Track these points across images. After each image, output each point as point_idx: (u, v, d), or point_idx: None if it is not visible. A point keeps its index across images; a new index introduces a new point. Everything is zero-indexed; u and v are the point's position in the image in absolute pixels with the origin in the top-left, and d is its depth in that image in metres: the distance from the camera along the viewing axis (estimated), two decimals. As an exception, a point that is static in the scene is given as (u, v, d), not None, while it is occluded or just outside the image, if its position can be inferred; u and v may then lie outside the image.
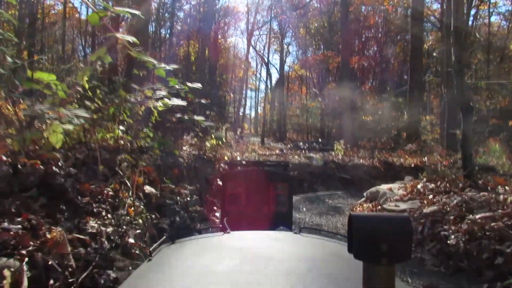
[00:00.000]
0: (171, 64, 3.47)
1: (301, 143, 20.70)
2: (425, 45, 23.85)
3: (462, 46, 8.09)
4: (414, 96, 18.39)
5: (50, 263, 2.17)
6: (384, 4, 27.89)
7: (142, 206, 3.96)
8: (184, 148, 8.56)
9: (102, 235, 2.92)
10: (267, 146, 20.86)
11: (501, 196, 5.24)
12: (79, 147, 4.55)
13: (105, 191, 3.68)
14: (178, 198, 5.08)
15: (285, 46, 35.76)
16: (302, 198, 9.23)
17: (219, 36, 31.70)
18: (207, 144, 8.91)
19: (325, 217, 7.22)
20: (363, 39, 31.89)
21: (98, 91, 5.07)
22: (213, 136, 8.04)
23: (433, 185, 6.84)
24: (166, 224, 4.05)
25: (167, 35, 30.34)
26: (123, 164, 4.12)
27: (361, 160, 13.90)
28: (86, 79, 4.62)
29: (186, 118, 3.93)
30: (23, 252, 2.16)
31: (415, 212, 5.48)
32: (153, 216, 4.04)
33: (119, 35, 1.50)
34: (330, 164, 12.64)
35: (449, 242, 4.25)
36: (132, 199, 3.76)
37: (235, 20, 37.17)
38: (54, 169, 3.43)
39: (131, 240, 3.03)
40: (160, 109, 3.95)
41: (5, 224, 2.34)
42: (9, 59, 2.74)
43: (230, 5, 43.97)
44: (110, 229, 3.06)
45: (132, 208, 3.66)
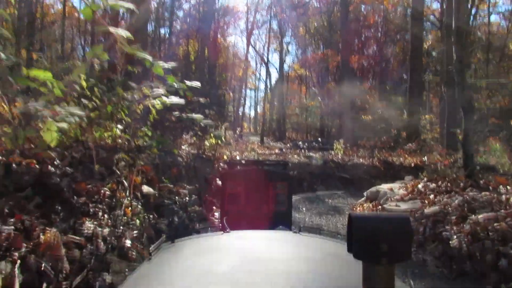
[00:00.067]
0: (170, 63, 3.41)
1: (301, 143, 20.65)
2: (425, 45, 23.80)
3: (463, 46, 8.03)
4: (414, 96, 18.34)
5: (43, 267, 2.10)
6: (384, 4, 27.83)
7: (140, 206, 3.90)
8: (183, 147, 8.49)
9: (98, 237, 2.86)
10: (267, 146, 20.80)
11: (503, 196, 5.18)
12: (76, 146, 4.48)
13: (102, 191, 3.61)
14: (177, 198, 5.01)
15: (285, 46, 35.69)
16: (302, 198, 9.17)
17: (219, 36, 31.60)
18: (206, 143, 8.84)
19: (325, 217, 7.16)
20: (363, 39, 31.83)
21: (96, 89, 5.00)
22: (212, 135, 7.97)
23: (434, 185, 6.78)
24: (165, 225, 3.98)
25: (167, 35, 30.29)
26: (121, 163, 4.05)
27: (361, 160, 13.85)
28: (84, 78, 4.56)
29: (185, 117, 3.87)
30: (15, 255, 2.10)
31: (416, 212, 5.42)
32: (151, 217, 3.97)
33: (112, 29, 1.44)
34: (330, 164, 12.59)
35: (451, 243, 4.19)
36: (130, 199, 3.69)
37: (235, 19, 37.11)
38: (50, 168, 3.37)
39: (128, 242, 2.97)
40: (158, 108, 3.89)
41: (-2, 225, 2.27)
42: (3, 56, 2.67)
43: (230, 4, 43.87)
44: (107, 230, 3.00)
45: (130, 209, 3.60)
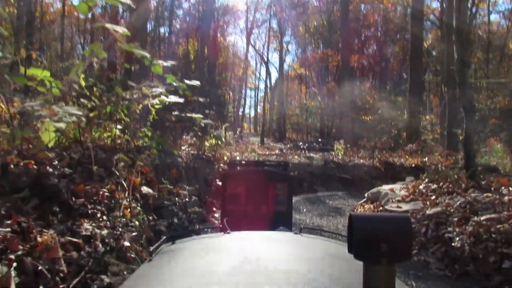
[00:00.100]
0: (169, 61, 3.36)
1: (301, 143, 20.62)
2: (425, 44, 23.76)
3: (465, 45, 7.99)
4: (414, 96, 18.29)
5: (40, 269, 2.06)
6: (384, 3, 27.80)
7: (139, 208, 3.85)
8: (183, 148, 8.44)
9: (97, 238, 2.81)
10: (267, 146, 20.78)
11: (506, 197, 5.14)
12: (75, 147, 4.44)
13: (101, 192, 3.56)
14: (177, 199, 4.96)
15: (285, 45, 35.73)
16: (302, 199, 9.13)
17: (218, 35, 31.60)
18: (206, 144, 8.79)
19: (326, 219, 7.11)
20: (363, 38, 31.82)
21: (95, 89, 4.96)
22: (212, 136, 7.92)
23: (436, 186, 6.74)
24: (164, 226, 3.93)
25: (166, 34, 30.27)
26: (120, 164, 4.00)
27: (361, 160, 13.82)
28: (83, 77, 4.52)
29: (183, 116, 3.83)
30: (11, 257, 2.05)
31: (418, 213, 5.37)
32: (150, 218, 3.93)
33: (109, 25, 1.41)
34: (330, 164, 12.55)
35: (454, 245, 4.14)
36: (129, 200, 3.65)
37: (234, 19, 37.19)
38: (48, 169, 3.32)
39: (127, 243, 2.92)
40: (157, 107, 3.84)
41: (-7, 227, 2.23)
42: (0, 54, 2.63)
43: (230, 4, 43.77)
44: (105, 232, 2.95)
45: (129, 210, 3.55)
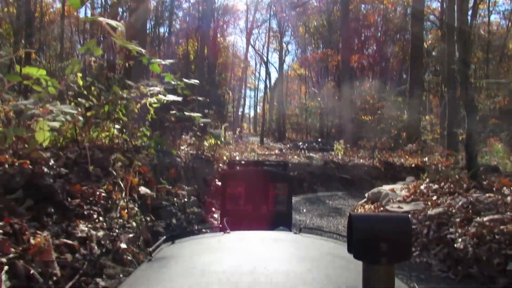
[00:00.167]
0: (168, 60, 3.30)
1: (301, 143, 20.55)
2: (425, 44, 23.70)
3: (467, 45, 7.93)
4: (414, 96, 18.22)
5: (32, 272, 1.99)
6: (384, 3, 27.74)
7: (137, 208, 3.78)
8: (182, 148, 8.38)
9: (92, 240, 2.75)
10: (266, 146, 20.72)
11: (508, 198, 5.09)
12: (72, 146, 4.37)
13: (98, 193, 3.50)
14: (175, 199, 4.89)
15: (284, 45, 35.64)
16: (302, 199, 9.07)
17: (218, 35, 31.54)
18: (206, 144, 8.73)
19: (326, 219, 7.05)
20: (363, 38, 31.76)
21: (93, 88, 4.90)
22: (211, 134, 7.84)
23: (437, 186, 6.68)
24: (162, 227, 3.86)
25: (166, 34, 30.20)
26: (117, 164, 3.94)
27: (361, 160, 13.76)
28: (80, 76, 4.46)
29: (181, 114, 3.76)
30: (3, 260, 1.99)
31: (419, 214, 5.31)
32: (148, 219, 3.86)
33: (101, 19, 1.35)
34: (330, 164, 12.49)
35: (457, 246, 4.08)
36: (126, 201, 3.58)
37: (234, 19, 37.10)
38: (44, 169, 3.26)
39: (124, 245, 2.86)
40: (155, 106, 3.77)
41: (-15, 229, 2.16)
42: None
43: (229, 3, 43.70)
44: (101, 233, 2.88)
45: (126, 211, 3.49)
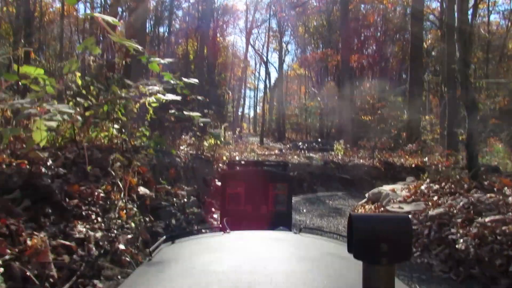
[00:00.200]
0: (167, 59, 3.26)
1: (300, 143, 20.51)
2: (424, 44, 23.67)
3: (467, 45, 7.91)
4: (414, 96, 18.18)
5: (28, 274, 1.96)
6: (383, 3, 27.71)
7: (135, 209, 3.75)
8: (182, 148, 8.34)
9: (90, 241, 2.71)
10: (266, 146, 20.69)
11: (510, 198, 5.06)
12: (70, 146, 4.34)
13: (96, 193, 3.46)
14: (175, 200, 4.86)
15: (284, 45, 35.60)
16: (302, 199, 9.03)
17: (218, 35, 31.50)
18: (205, 144, 8.69)
19: (326, 219, 7.02)
20: (362, 38, 31.73)
21: (92, 88, 4.86)
22: (211, 134, 7.80)
23: (437, 186, 6.65)
24: (161, 228, 3.83)
25: (166, 34, 30.17)
26: (116, 164, 3.90)
27: (361, 160, 13.72)
28: (79, 75, 4.42)
29: (179, 114, 3.73)
30: (-1, 262, 1.95)
31: (420, 215, 5.28)
32: (147, 219, 3.83)
33: (97, 15, 1.32)
34: (330, 164, 12.45)
35: (458, 247, 4.05)
36: (125, 201, 3.55)
37: (234, 18, 37.02)
38: (42, 169, 3.23)
39: (122, 246, 2.82)
40: (154, 106, 3.74)
41: (-19, 230, 2.13)
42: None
43: (229, 3, 43.66)
44: (100, 234, 2.85)
45: (124, 211, 3.45)
